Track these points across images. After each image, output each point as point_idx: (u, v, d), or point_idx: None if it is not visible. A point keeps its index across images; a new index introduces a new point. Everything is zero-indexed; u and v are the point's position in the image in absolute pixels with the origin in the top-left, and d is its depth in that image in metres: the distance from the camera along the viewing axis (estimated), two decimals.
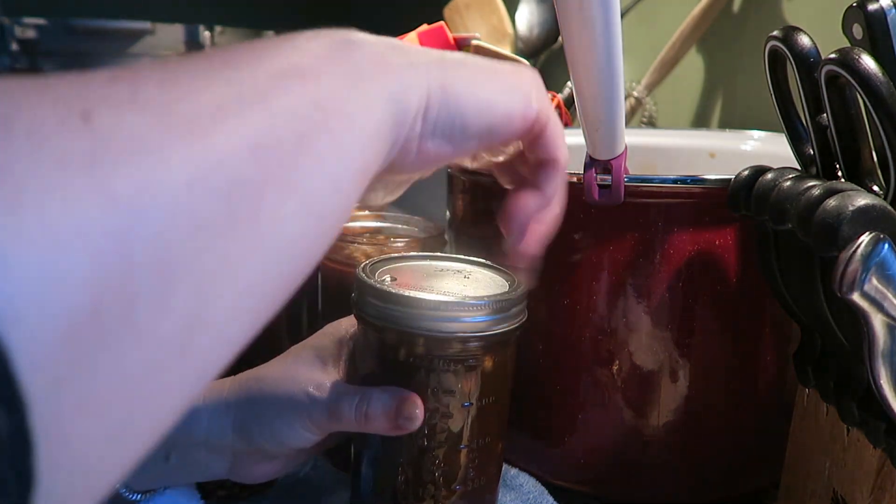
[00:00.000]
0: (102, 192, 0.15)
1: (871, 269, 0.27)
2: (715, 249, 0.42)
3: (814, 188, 0.32)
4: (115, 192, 0.15)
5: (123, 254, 0.15)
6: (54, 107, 0.15)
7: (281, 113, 0.20)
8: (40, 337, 0.14)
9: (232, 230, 0.18)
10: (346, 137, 0.23)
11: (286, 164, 0.20)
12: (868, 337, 0.29)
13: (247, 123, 0.19)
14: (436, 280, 0.39)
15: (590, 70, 0.36)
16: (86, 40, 0.93)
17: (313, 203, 0.21)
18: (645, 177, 0.41)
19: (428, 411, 0.36)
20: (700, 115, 0.79)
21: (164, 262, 0.16)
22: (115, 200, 0.15)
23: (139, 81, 0.18)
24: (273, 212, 0.20)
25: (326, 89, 0.22)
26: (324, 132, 0.22)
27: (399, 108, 0.26)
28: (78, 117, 0.16)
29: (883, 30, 0.31)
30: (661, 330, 0.43)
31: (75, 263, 0.14)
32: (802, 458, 0.40)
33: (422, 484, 0.37)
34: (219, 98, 0.19)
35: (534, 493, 0.47)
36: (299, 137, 0.21)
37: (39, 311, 0.14)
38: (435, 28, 0.73)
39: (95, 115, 0.16)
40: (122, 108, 0.17)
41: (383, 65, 0.25)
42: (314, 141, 0.21)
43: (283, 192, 0.20)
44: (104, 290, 0.15)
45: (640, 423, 0.44)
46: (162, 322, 0.17)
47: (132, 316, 0.16)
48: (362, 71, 0.24)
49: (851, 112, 0.32)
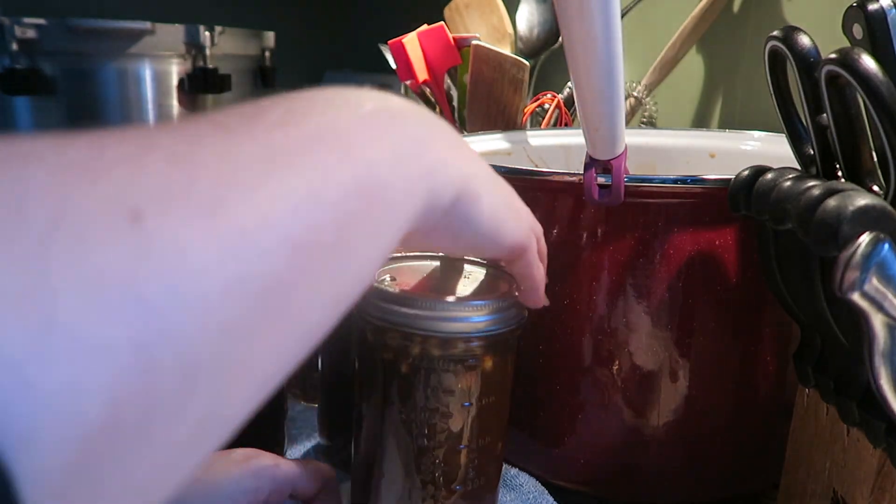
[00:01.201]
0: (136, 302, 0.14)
1: (871, 269, 0.27)
2: (715, 249, 0.42)
3: (814, 188, 0.32)
4: (148, 301, 0.15)
5: (148, 366, 0.15)
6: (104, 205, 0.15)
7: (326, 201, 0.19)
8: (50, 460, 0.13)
9: (259, 331, 0.18)
10: (383, 229, 0.22)
11: (324, 261, 0.19)
12: (868, 337, 0.29)
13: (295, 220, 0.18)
14: (436, 280, 0.39)
15: (590, 70, 0.36)
16: (86, 40, 0.92)
17: (341, 294, 0.21)
18: (645, 177, 0.41)
19: (428, 411, 0.36)
20: (700, 115, 0.79)
21: (188, 369, 0.16)
22: (146, 311, 0.15)
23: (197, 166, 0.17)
24: (303, 309, 0.19)
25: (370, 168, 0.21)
26: (363, 223, 0.21)
27: (433, 201, 0.25)
28: (127, 218, 0.15)
29: (883, 30, 0.31)
30: (661, 330, 0.43)
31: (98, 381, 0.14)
32: (802, 458, 0.40)
33: (421, 484, 0.38)
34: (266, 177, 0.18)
35: (534, 493, 0.47)
36: (340, 230, 0.20)
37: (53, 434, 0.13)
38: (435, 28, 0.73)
39: (144, 214, 0.15)
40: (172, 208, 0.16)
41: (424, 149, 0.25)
42: (353, 234, 0.20)
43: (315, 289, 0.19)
44: (124, 404, 0.14)
45: (640, 423, 0.44)
46: (178, 427, 0.16)
47: (148, 426, 0.15)
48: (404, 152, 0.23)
49: (851, 112, 0.32)
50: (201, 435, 0.17)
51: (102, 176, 0.15)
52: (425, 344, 0.36)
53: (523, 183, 0.46)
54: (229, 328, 0.16)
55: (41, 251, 0.13)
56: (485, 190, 0.28)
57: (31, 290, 0.13)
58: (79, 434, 0.14)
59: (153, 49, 0.95)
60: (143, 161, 0.16)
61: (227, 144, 0.18)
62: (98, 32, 0.93)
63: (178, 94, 0.98)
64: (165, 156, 0.17)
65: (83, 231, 0.14)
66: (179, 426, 0.16)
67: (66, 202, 0.14)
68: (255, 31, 1.10)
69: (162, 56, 0.96)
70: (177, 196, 0.16)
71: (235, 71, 1.04)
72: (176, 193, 0.16)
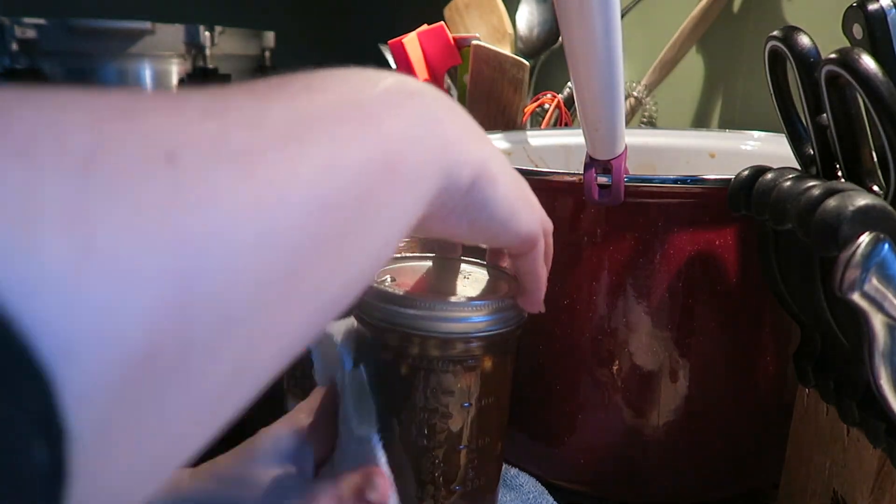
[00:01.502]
0: (173, 235, 0.15)
1: (871, 269, 0.27)
2: (715, 249, 0.42)
3: (814, 188, 0.32)
4: (184, 236, 0.15)
5: (184, 299, 0.15)
6: (141, 144, 0.15)
7: (353, 165, 0.20)
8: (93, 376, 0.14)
9: (289, 287, 0.18)
10: (403, 200, 0.23)
11: (348, 225, 0.20)
12: (868, 337, 0.29)
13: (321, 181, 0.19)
14: (435, 281, 0.39)
15: (590, 70, 0.36)
16: (86, 40, 0.92)
17: (360, 263, 0.21)
18: (645, 177, 0.41)
19: (427, 411, 0.36)
20: (700, 115, 0.79)
21: (222, 313, 0.16)
22: (183, 244, 0.15)
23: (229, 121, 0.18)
24: (332, 271, 0.20)
25: (393, 142, 0.22)
26: (386, 192, 0.21)
27: (451, 180, 0.26)
28: (163, 159, 0.15)
29: (883, 30, 0.31)
30: (661, 330, 0.43)
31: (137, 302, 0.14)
32: (802, 458, 0.40)
33: (421, 484, 0.37)
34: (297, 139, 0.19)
35: (534, 493, 0.47)
36: (365, 194, 0.20)
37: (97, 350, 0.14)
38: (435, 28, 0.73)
39: (180, 157, 0.16)
40: (206, 153, 0.16)
41: (441, 128, 0.25)
42: (376, 200, 0.21)
43: (341, 254, 0.20)
44: (162, 334, 0.15)
45: (640, 423, 0.44)
46: (212, 371, 0.16)
47: (185, 363, 0.16)
48: (421, 128, 0.24)
49: (851, 112, 0.32)
50: (234, 384, 0.18)
51: (138, 119, 0.16)
52: (425, 344, 0.36)
53: None
54: (262, 280, 0.17)
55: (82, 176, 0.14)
56: (501, 174, 0.29)
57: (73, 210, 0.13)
58: (120, 357, 0.14)
59: (153, 49, 0.95)
60: (178, 111, 0.17)
61: (257, 106, 0.19)
62: (98, 32, 0.93)
63: None
64: (199, 110, 0.17)
65: (121, 163, 0.15)
66: (216, 368, 0.17)
67: (103, 137, 0.15)
68: (255, 31, 1.10)
69: (162, 56, 0.96)
70: (211, 145, 0.16)
71: (235, 71, 1.04)
72: (209, 142, 0.16)
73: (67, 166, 0.14)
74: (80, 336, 0.13)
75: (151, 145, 0.15)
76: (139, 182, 0.15)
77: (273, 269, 0.17)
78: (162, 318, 0.15)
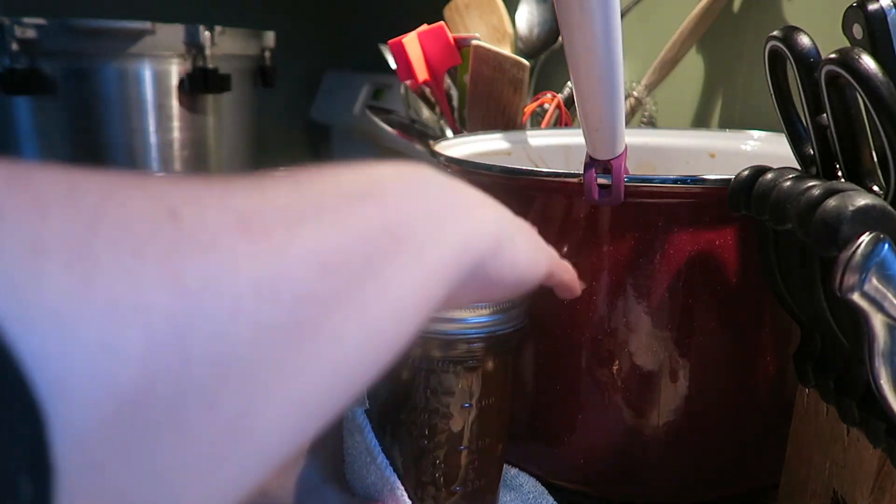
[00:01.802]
0: (171, 279, 0.15)
1: (871, 269, 0.27)
2: (715, 249, 0.42)
3: (814, 188, 0.32)
4: (183, 281, 0.16)
5: (180, 342, 0.15)
6: (145, 201, 0.16)
7: (353, 232, 0.21)
8: (85, 414, 0.14)
9: (290, 342, 0.18)
10: (413, 267, 0.23)
11: (352, 284, 0.20)
12: (868, 337, 0.29)
13: (319, 239, 0.19)
14: None
15: (590, 70, 0.36)
16: (86, 40, 0.92)
17: (374, 327, 0.21)
18: (645, 177, 0.41)
19: (428, 412, 0.36)
20: (700, 115, 0.79)
21: (220, 361, 0.16)
22: (181, 289, 0.15)
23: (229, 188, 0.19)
24: (333, 330, 0.20)
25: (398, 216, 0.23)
26: (392, 258, 0.22)
27: (467, 250, 0.26)
28: (166, 213, 0.16)
29: (883, 30, 0.31)
30: (661, 330, 0.43)
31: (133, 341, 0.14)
32: (802, 458, 0.40)
33: (422, 485, 0.38)
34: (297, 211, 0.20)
35: (534, 493, 0.47)
36: (368, 259, 0.21)
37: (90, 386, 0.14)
38: (435, 28, 0.73)
39: (182, 212, 0.16)
40: (207, 209, 0.17)
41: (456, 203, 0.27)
42: (382, 266, 0.21)
43: (346, 313, 0.20)
44: (156, 376, 0.15)
45: (640, 423, 0.44)
46: (207, 422, 0.16)
47: (179, 410, 0.15)
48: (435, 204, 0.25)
49: (851, 112, 0.32)
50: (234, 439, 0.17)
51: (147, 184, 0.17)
52: (426, 345, 0.36)
53: (523, 183, 0.46)
54: (261, 330, 0.17)
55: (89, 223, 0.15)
56: (517, 233, 0.30)
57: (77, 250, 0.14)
58: (112, 395, 0.14)
59: (153, 49, 0.95)
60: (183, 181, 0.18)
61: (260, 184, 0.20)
62: (98, 32, 0.93)
63: (178, 94, 0.98)
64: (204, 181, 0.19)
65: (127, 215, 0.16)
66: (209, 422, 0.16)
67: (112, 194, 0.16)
68: (255, 31, 1.10)
69: (162, 56, 0.96)
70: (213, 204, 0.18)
71: (235, 71, 1.04)
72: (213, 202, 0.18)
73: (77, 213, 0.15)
74: (75, 371, 0.13)
75: (157, 202, 0.16)
76: (142, 230, 0.16)
77: (273, 320, 0.17)
78: (157, 360, 0.15)
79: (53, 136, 0.95)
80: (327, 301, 0.19)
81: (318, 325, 0.19)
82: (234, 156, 1.09)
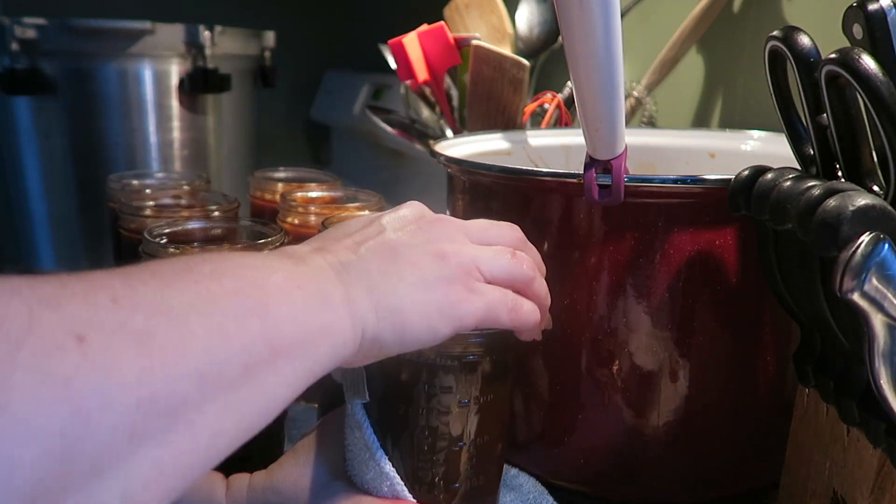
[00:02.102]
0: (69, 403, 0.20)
1: (871, 269, 0.27)
2: (715, 249, 0.42)
3: (814, 188, 0.32)
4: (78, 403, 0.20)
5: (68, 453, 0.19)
6: (59, 327, 0.20)
7: (236, 345, 0.24)
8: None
9: (166, 441, 0.22)
10: (287, 373, 0.26)
11: (230, 390, 0.24)
12: (868, 337, 0.29)
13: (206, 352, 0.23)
14: None
15: (590, 70, 0.36)
16: (86, 40, 0.93)
17: (245, 422, 0.25)
18: (645, 177, 0.41)
19: (427, 409, 0.36)
20: (700, 115, 0.79)
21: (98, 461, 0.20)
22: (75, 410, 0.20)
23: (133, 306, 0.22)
24: (207, 426, 0.23)
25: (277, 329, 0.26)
26: (268, 366, 0.25)
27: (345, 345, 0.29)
28: (74, 340, 0.20)
29: (883, 30, 0.31)
30: (661, 330, 0.43)
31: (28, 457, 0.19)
32: (802, 458, 0.40)
33: (421, 483, 0.37)
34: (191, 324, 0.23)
35: (534, 493, 0.47)
36: (246, 368, 0.25)
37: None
38: (435, 28, 0.73)
39: (88, 339, 0.21)
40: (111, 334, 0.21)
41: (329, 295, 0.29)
42: (257, 372, 0.25)
43: (221, 412, 0.24)
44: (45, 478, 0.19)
45: (640, 423, 0.44)
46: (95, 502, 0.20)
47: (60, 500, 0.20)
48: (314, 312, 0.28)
49: (851, 112, 0.32)
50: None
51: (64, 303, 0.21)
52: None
53: (523, 183, 0.46)
54: (141, 435, 0.21)
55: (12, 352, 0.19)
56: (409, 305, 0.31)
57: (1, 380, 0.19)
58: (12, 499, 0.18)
59: (153, 49, 0.95)
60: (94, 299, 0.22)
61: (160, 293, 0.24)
62: (98, 32, 0.93)
63: (178, 93, 0.98)
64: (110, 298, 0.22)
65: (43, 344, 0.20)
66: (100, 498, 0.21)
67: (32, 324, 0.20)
68: (255, 31, 1.10)
69: (162, 56, 0.96)
70: (114, 327, 0.21)
71: (235, 71, 1.04)
72: (114, 325, 0.21)
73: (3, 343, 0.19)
74: None
75: (68, 328, 0.20)
76: (53, 357, 0.20)
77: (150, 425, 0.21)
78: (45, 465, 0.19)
79: (53, 136, 0.95)
80: (203, 403, 0.23)
81: (191, 424, 0.23)
82: (234, 156, 1.09)
